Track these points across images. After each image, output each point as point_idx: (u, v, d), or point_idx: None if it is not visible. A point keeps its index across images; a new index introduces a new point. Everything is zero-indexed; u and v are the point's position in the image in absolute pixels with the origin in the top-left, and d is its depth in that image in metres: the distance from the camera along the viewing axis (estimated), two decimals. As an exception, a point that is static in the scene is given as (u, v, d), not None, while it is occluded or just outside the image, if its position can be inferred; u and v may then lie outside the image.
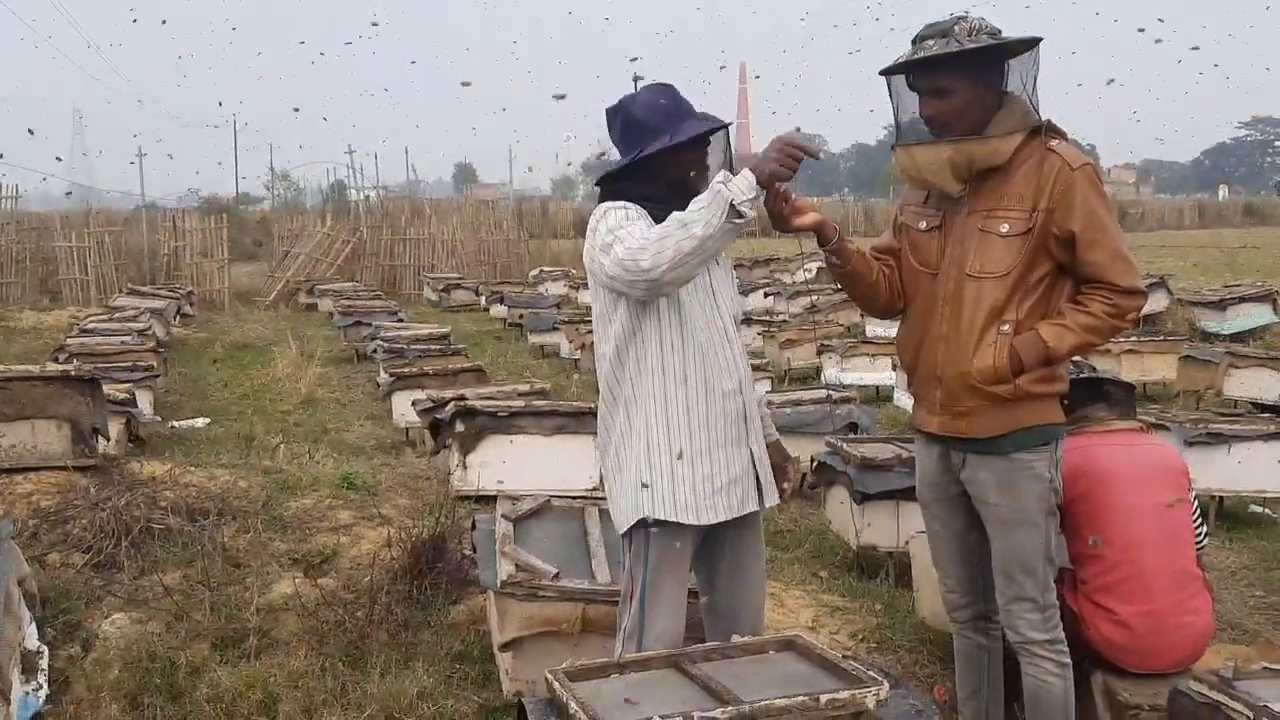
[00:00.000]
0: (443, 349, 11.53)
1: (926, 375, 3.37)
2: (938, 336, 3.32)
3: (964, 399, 3.26)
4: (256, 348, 15.60)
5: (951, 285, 3.28)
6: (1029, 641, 3.36)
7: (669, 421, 3.18)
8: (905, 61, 3.19)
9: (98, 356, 10.17)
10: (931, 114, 3.21)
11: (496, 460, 6.74)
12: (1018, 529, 3.31)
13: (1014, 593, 3.35)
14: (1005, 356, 3.19)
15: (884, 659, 4.61)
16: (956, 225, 3.29)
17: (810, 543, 6.44)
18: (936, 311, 3.32)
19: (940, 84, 3.16)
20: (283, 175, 54.64)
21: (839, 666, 2.73)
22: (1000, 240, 3.20)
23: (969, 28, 3.13)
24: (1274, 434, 6.96)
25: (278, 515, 6.03)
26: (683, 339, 3.18)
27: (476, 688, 4.27)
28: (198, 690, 4.20)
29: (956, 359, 3.26)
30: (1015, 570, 3.33)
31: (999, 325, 3.21)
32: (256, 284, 24.28)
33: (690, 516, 3.18)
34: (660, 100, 3.21)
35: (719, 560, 3.36)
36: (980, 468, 3.32)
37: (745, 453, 3.27)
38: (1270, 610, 5.47)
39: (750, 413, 3.30)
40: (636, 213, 3.11)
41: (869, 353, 11.53)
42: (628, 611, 3.26)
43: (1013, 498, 3.28)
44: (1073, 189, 3.16)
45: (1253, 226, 49.96)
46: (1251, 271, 23.33)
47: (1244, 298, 14.69)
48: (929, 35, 3.16)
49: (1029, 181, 3.18)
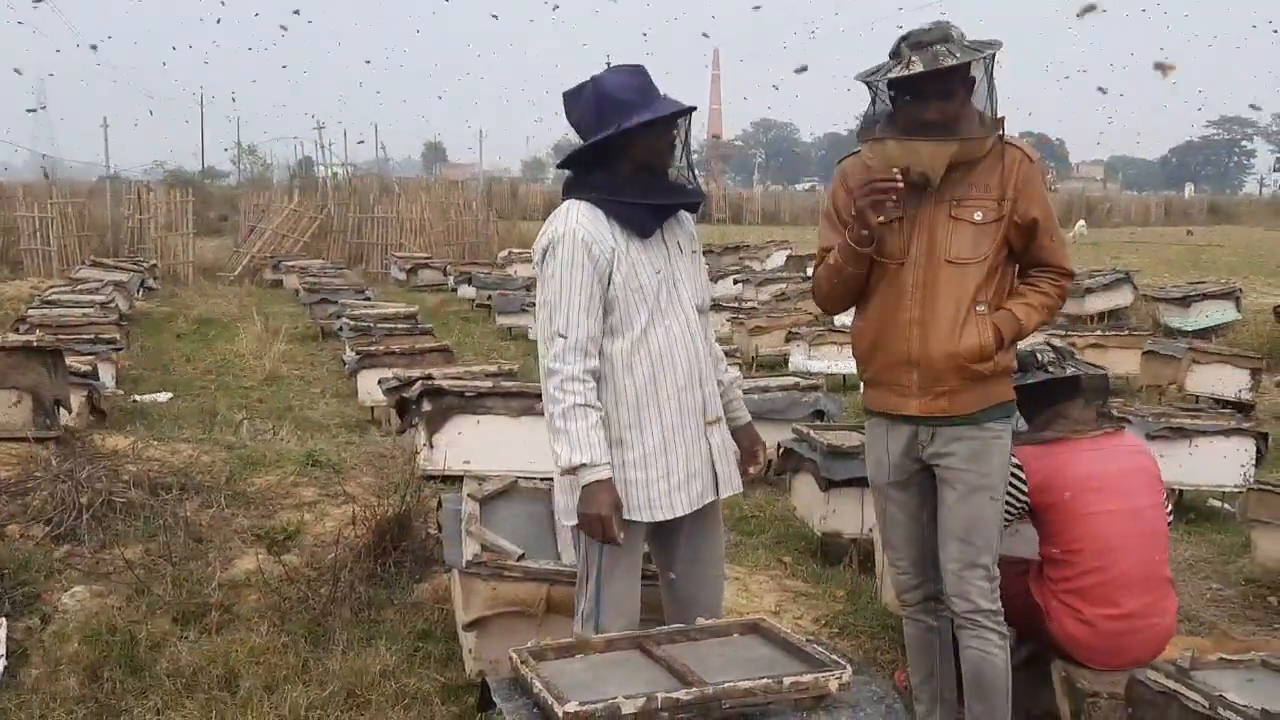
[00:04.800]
0: (410, 328, 11.48)
1: (894, 361, 3.42)
2: (908, 322, 3.37)
3: (948, 379, 3.35)
4: (220, 323, 15.48)
5: (922, 273, 3.35)
6: (978, 610, 3.41)
7: (621, 418, 3.19)
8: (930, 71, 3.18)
9: (60, 328, 10.07)
10: (938, 116, 3.26)
11: (463, 440, 6.72)
12: (982, 494, 3.40)
13: (969, 558, 3.41)
14: (990, 335, 3.34)
15: (846, 644, 4.64)
16: (924, 215, 3.35)
17: (775, 528, 6.46)
18: (905, 299, 3.38)
19: (951, 87, 3.24)
20: (249, 150, 54.17)
21: (802, 650, 2.75)
22: (973, 227, 3.34)
23: (958, 33, 3.26)
24: (1234, 429, 7.04)
25: (241, 491, 5.99)
26: (640, 333, 3.17)
27: (439, 666, 4.27)
28: (158, 664, 4.17)
29: (938, 341, 3.33)
30: (974, 535, 3.41)
31: (975, 307, 3.34)
32: (221, 259, 24.07)
33: (644, 515, 3.20)
34: (632, 79, 3.19)
35: (676, 547, 3.37)
36: (952, 440, 3.41)
37: (704, 446, 3.28)
38: (1227, 603, 5.54)
39: (709, 404, 3.30)
40: (586, 282, 3.11)
41: (837, 341, 11.55)
42: (584, 595, 3.28)
43: (983, 463, 3.40)
44: (1033, 180, 3.37)
45: (1218, 224, 50.47)
46: (1215, 269, 23.57)
47: (1207, 295, 14.83)
48: (934, 41, 3.22)
49: (993, 172, 3.33)
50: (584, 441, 3.08)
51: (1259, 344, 12.82)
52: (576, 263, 3.11)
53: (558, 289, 3.13)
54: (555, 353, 3.12)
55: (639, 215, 3.17)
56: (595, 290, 3.12)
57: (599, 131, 3.15)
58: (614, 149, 3.16)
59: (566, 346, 3.11)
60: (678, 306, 3.24)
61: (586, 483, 3.08)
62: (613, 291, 3.14)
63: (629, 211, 3.16)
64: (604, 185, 3.18)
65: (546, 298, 3.17)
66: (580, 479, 3.09)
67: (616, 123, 3.11)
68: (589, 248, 3.11)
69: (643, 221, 3.18)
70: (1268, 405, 10.39)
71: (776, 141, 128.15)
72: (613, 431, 3.18)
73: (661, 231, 3.24)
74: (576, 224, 3.14)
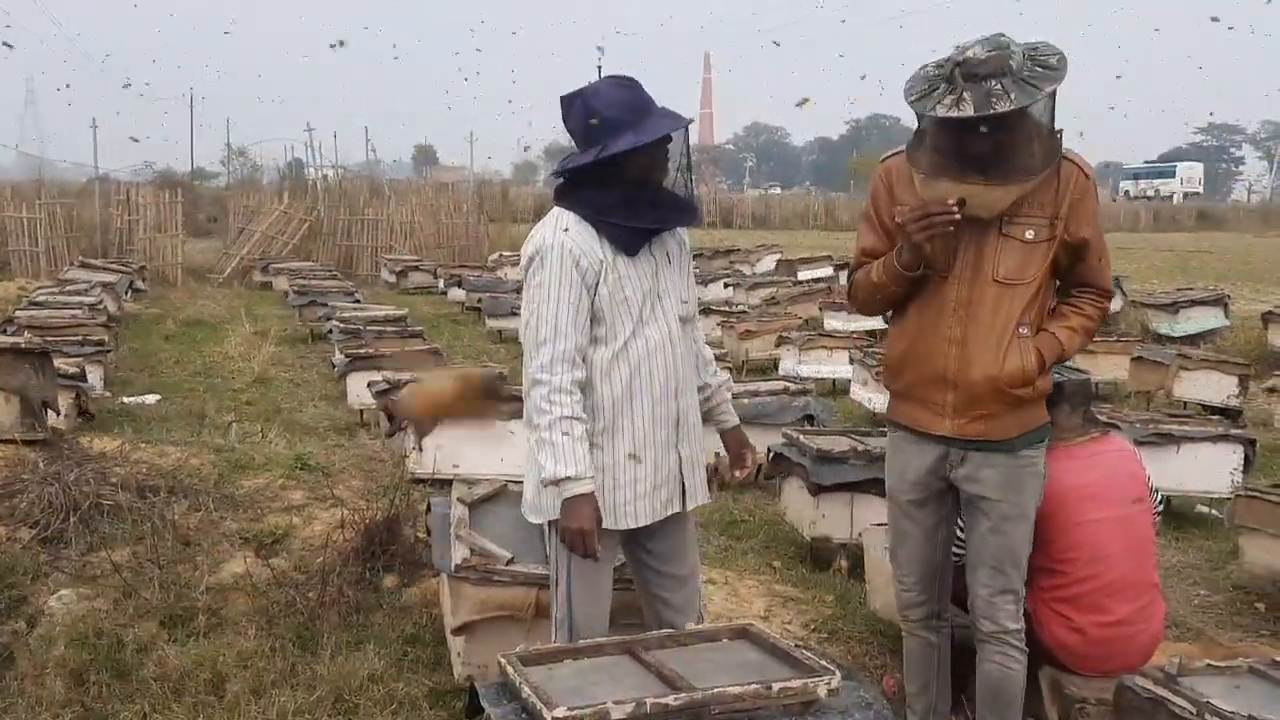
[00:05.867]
0: (399, 331, 11.45)
1: (929, 377, 3.33)
2: (947, 339, 3.27)
3: (986, 403, 3.26)
4: (209, 325, 15.42)
5: (966, 290, 3.24)
6: (1005, 631, 3.41)
7: (595, 424, 3.18)
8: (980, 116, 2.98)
9: (48, 329, 10.01)
10: (989, 151, 3.09)
11: (452, 444, 6.72)
12: (1015, 523, 3.36)
13: (1001, 585, 3.39)
14: (1033, 359, 3.24)
15: (835, 649, 4.64)
16: (972, 229, 3.19)
17: (764, 533, 6.47)
18: (946, 315, 3.27)
19: (1007, 123, 3.04)
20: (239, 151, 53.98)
21: (791, 655, 2.75)
22: (1023, 246, 3.21)
23: (1020, 59, 3.02)
24: (1221, 436, 7.06)
25: (229, 494, 5.98)
26: (623, 345, 3.16)
27: (428, 671, 4.26)
28: (145, 668, 4.16)
29: (978, 363, 3.23)
30: (1006, 564, 3.38)
31: (1019, 329, 3.24)
32: (210, 260, 23.98)
33: (609, 522, 3.19)
34: (624, 95, 3.14)
35: (648, 555, 3.37)
36: (984, 466, 3.33)
37: (673, 457, 3.27)
38: (1214, 609, 5.56)
39: (684, 417, 3.29)
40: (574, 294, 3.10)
41: (827, 345, 11.57)
42: (556, 601, 3.30)
43: (1016, 492, 3.34)
44: (1086, 197, 3.22)
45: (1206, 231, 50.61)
46: (1204, 275, 23.64)
47: (1195, 301, 14.87)
48: (989, 75, 2.99)
49: (1048, 188, 3.18)
50: (570, 455, 3.07)
51: (1247, 350, 12.86)
52: (564, 274, 3.10)
53: (545, 300, 3.12)
54: (541, 363, 3.12)
55: (625, 236, 3.16)
56: (583, 302, 3.12)
57: (587, 148, 3.14)
58: (605, 168, 3.12)
59: (554, 357, 3.10)
60: (661, 318, 3.23)
61: (569, 496, 3.08)
62: (598, 304, 3.14)
63: (616, 232, 3.15)
64: (593, 202, 3.16)
65: (534, 307, 3.16)
66: (563, 492, 3.08)
67: (603, 143, 3.08)
68: (577, 260, 3.11)
69: (629, 242, 3.16)
70: (1255, 411, 10.42)
71: (768, 145, 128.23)
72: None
73: (650, 245, 3.22)
74: (565, 235, 3.13)
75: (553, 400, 3.09)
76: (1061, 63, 3.06)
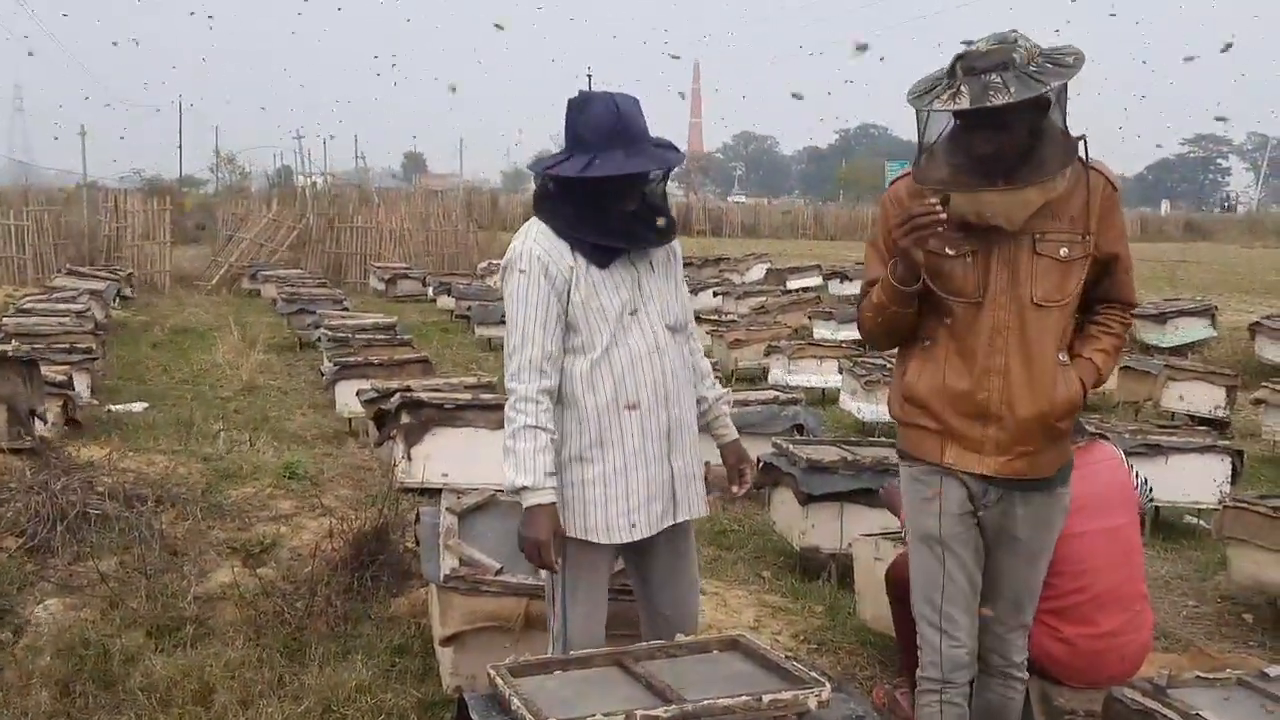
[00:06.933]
0: (389, 339, 11.43)
1: (965, 412, 3.06)
2: (989, 371, 3.02)
3: (1033, 439, 3.04)
4: (197, 332, 15.39)
5: (1005, 315, 2.99)
6: (1012, 665, 3.31)
7: (584, 438, 3.16)
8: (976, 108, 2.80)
9: (35, 337, 9.98)
10: (995, 152, 2.88)
11: (441, 453, 6.70)
12: (1040, 559, 3.23)
13: (1018, 621, 3.29)
14: (1077, 388, 3.05)
15: (825, 660, 4.64)
16: (1003, 249, 2.97)
17: (754, 543, 6.46)
18: (985, 344, 3.01)
19: (1006, 120, 2.83)
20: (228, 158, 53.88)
21: (782, 667, 2.74)
22: (1059, 265, 2.99)
23: (1026, 54, 2.82)
24: (1209, 446, 7.08)
25: (217, 503, 5.96)
26: (602, 353, 3.14)
27: (416, 681, 4.24)
28: (131, 679, 4.13)
29: (1031, 397, 3.00)
30: (1026, 599, 3.27)
31: (1058, 356, 3.04)
32: (198, 268, 23.94)
33: (601, 537, 3.17)
34: (607, 119, 3.09)
35: (649, 570, 3.35)
36: (1019, 504, 3.12)
37: (665, 469, 3.21)
38: (1203, 620, 5.57)
39: (675, 428, 3.23)
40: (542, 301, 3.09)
41: (816, 355, 11.58)
42: (552, 614, 3.28)
43: (1047, 530, 3.20)
44: (1115, 210, 3.05)
45: (1193, 241, 50.85)
46: (1191, 286, 23.74)
47: (1183, 312, 14.94)
48: (989, 68, 2.80)
49: (1078, 200, 2.98)
50: (528, 464, 3.06)
51: (1234, 361, 12.93)
52: (533, 281, 3.10)
53: (516, 307, 3.13)
54: (512, 371, 3.12)
55: (596, 252, 3.14)
56: (553, 308, 3.11)
57: (571, 155, 3.12)
58: (586, 184, 3.11)
59: (520, 364, 3.10)
60: (645, 326, 3.19)
61: (528, 505, 3.07)
62: (573, 311, 3.12)
63: (585, 247, 3.14)
64: (567, 217, 3.15)
65: (508, 315, 3.17)
66: (523, 501, 3.07)
67: (590, 160, 3.06)
68: (545, 268, 3.10)
69: (599, 257, 3.14)
70: (1243, 422, 10.46)
71: (757, 154, 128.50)
72: (575, 450, 3.16)
73: (630, 254, 3.19)
74: (534, 243, 3.14)
75: (518, 409, 3.09)
76: (1077, 61, 2.86)
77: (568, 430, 3.16)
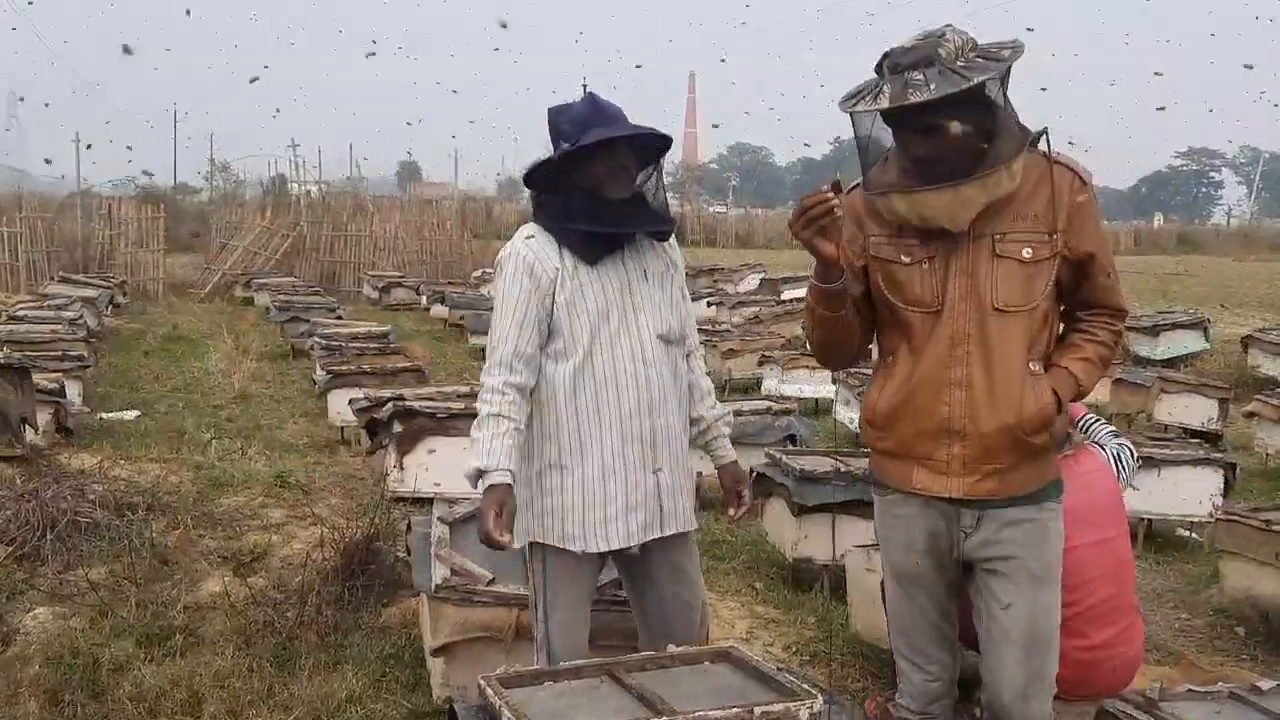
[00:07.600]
0: (382, 347, 11.42)
1: (927, 430, 2.88)
2: (952, 383, 2.84)
3: (1001, 455, 2.83)
4: (190, 340, 15.38)
5: (966, 323, 2.82)
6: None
7: (563, 443, 3.15)
8: (899, 107, 2.67)
9: (27, 345, 9.96)
10: (929, 153, 2.74)
11: (434, 462, 6.69)
12: (1044, 587, 2.93)
13: (1035, 669, 2.94)
14: (1049, 399, 2.83)
15: (817, 672, 4.62)
16: (960, 253, 2.82)
17: (746, 553, 6.45)
18: (947, 354, 2.84)
19: (938, 120, 2.69)
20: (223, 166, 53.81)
21: (774, 679, 2.73)
22: (1022, 267, 2.81)
23: (954, 49, 2.67)
24: (1202, 459, 7.09)
25: (208, 512, 5.94)
26: (584, 358, 3.13)
27: (406, 692, 4.23)
28: (121, 688, 4.12)
29: (995, 410, 2.81)
30: (1040, 639, 2.94)
31: (1029, 365, 2.84)
32: (192, 276, 23.93)
33: (577, 544, 3.15)
34: (583, 112, 3.15)
35: (642, 584, 3.33)
36: (1004, 525, 2.90)
37: (649, 479, 3.18)
38: (1194, 633, 5.56)
39: (660, 437, 3.19)
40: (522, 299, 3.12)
41: (809, 365, 11.56)
42: (536, 623, 3.27)
43: (1043, 550, 2.93)
44: (1086, 205, 2.85)
45: (1186, 254, 50.96)
46: (1184, 299, 23.78)
47: (1176, 324, 14.95)
48: (911, 65, 2.66)
49: (1041, 197, 2.81)
50: (486, 448, 3.05)
51: (1227, 374, 12.95)
52: (516, 279, 3.14)
53: (497, 305, 3.19)
54: (486, 366, 3.17)
55: (585, 242, 3.15)
56: (532, 307, 3.12)
57: (550, 154, 3.18)
58: (570, 170, 3.15)
59: (493, 360, 3.14)
60: (632, 333, 3.17)
61: (483, 487, 3.04)
62: (556, 313, 3.13)
63: (574, 238, 3.15)
64: (555, 211, 3.19)
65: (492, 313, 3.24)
66: (481, 485, 3.05)
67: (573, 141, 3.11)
68: (530, 267, 3.13)
69: (590, 248, 3.15)
70: (1236, 435, 10.47)
71: (751, 165, 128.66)
72: (554, 457, 3.16)
73: (623, 257, 3.20)
74: (523, 243, 3.18)
75: (484, 399, 3.11)
76: (1013, 54, 2.72)
77: (547, 435, 3.16)
